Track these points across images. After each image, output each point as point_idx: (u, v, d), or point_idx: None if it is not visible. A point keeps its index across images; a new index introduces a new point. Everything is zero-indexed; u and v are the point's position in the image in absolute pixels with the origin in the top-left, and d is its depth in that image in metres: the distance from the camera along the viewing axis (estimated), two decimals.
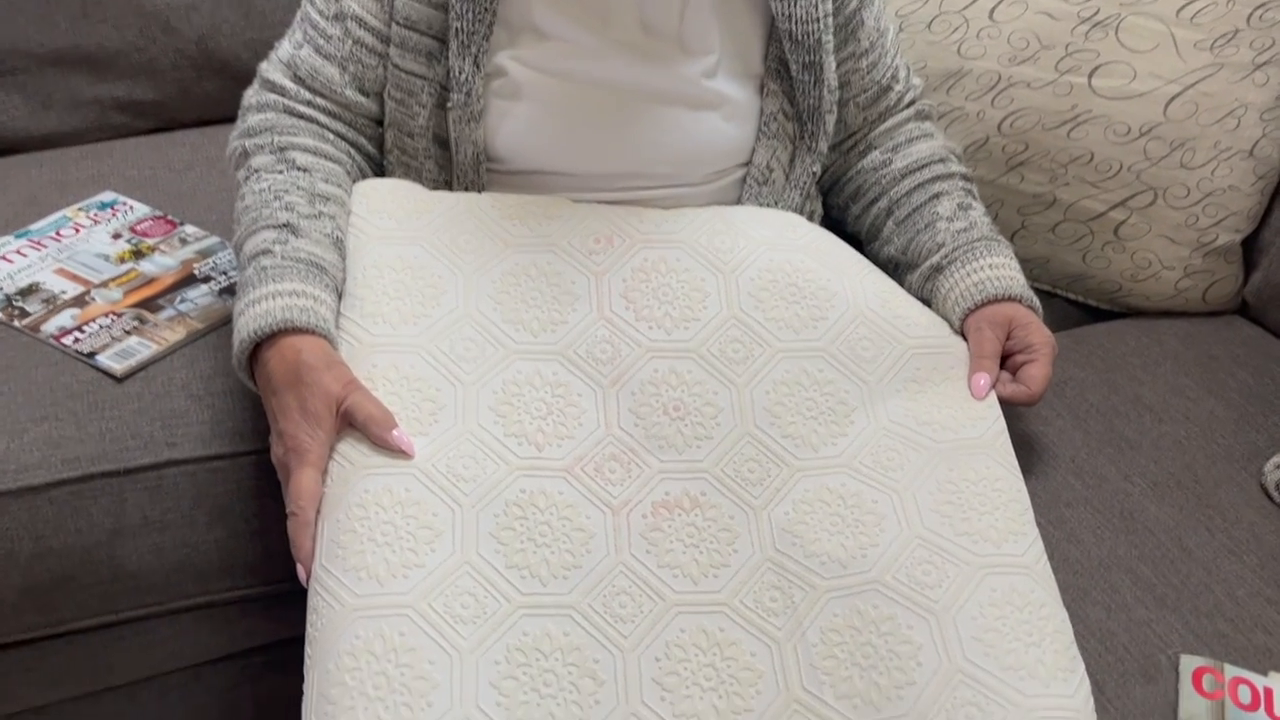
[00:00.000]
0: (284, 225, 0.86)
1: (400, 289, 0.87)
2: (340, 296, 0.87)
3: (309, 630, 0.74)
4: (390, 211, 0.91)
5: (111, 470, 0.93)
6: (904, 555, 0.78)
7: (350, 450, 0.80)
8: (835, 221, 1.07)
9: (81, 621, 0.96)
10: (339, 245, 0.88)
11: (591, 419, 0.84)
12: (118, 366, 0.97)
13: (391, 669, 0.71)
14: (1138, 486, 0.92)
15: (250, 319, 0.81)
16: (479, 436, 0.81)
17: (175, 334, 1.01)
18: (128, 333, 1.01)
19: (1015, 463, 0.84)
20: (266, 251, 0.85)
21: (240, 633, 1.05)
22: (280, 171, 0.89)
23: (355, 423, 0.79)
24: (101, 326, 1.01)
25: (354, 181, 0.94)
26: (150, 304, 1.05)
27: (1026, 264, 0.95)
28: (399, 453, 0.79)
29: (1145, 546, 0.87)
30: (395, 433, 0.79)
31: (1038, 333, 0.90)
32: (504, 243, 0.90)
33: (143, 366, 0.98)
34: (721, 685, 0.73)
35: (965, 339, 0.92)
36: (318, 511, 0.78)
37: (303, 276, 0.83)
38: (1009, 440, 0.85)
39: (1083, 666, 0.74)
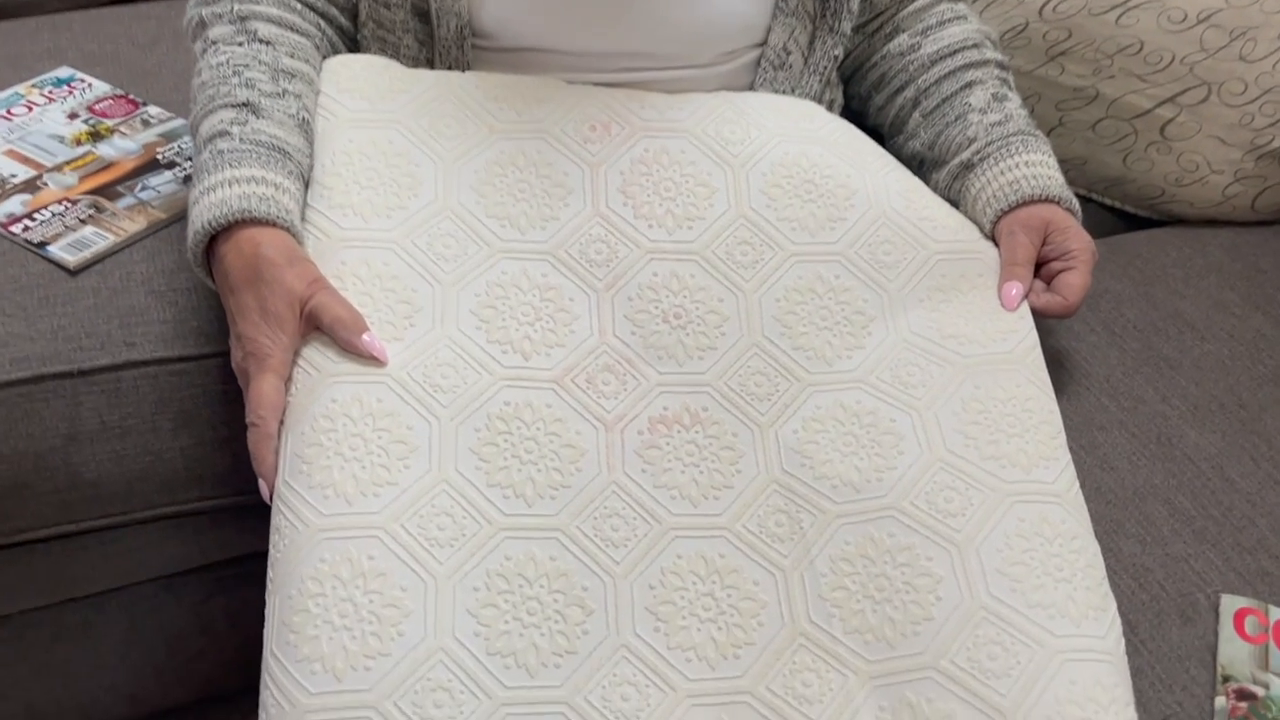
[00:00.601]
0: (243, 104, 0.77)
1: (373, 178, 0.79)
2: (306, 185, 0.79)
3: (271, 552, 0.68)
4: (363, 91, 0.82)
5: (64, 371, 0.85)
6: (924, 480, 0.72)
7: (316, 356, 0.72)
8: (856, 113, 0.98)
9: (38, 531, 0.90)
10: (305, 128, 0.79)
11: (584, 326, 0.77)
12: (71, 259, 0.89)
13: (359, 595, 0.65)
14: (1177, 409, 0.85)
15: (204, 209, 0.73)
16: (459, 343, 0.74)
17: (135, 224, 0.93)
18: (83, 221, 0.93)
19: (1048, 380, 0.77)
20: (223, 134, 0.76)
21: (211, 544, 0.99)
22: (240, 44, 0.80)
23: (321, 325, 0.72)
24: (54, 214, 0.93)
25: (323, 57, 0.85)
26: (108, 191, 0.96)
27: (1061, 165, 0.86)
28: (370, 359, 0.72)
29: (1184, 475, 0.80)
30: (366, 337, 0.71)
31: (1076, 238, 0.82)
32: (489, 128, 0.82)
33: (99, 259, 0.90)
34: (721, 616, 0.67)
35: (996, 244, 0.84)
36: (281, 423, 0.71)
37: (263, 162, 0.75)
38: (1041, 356, 0.78)
39: (1114, 605, 0.68)
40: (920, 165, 0.91)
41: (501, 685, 0.64)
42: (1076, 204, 0.84)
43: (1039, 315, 0.80)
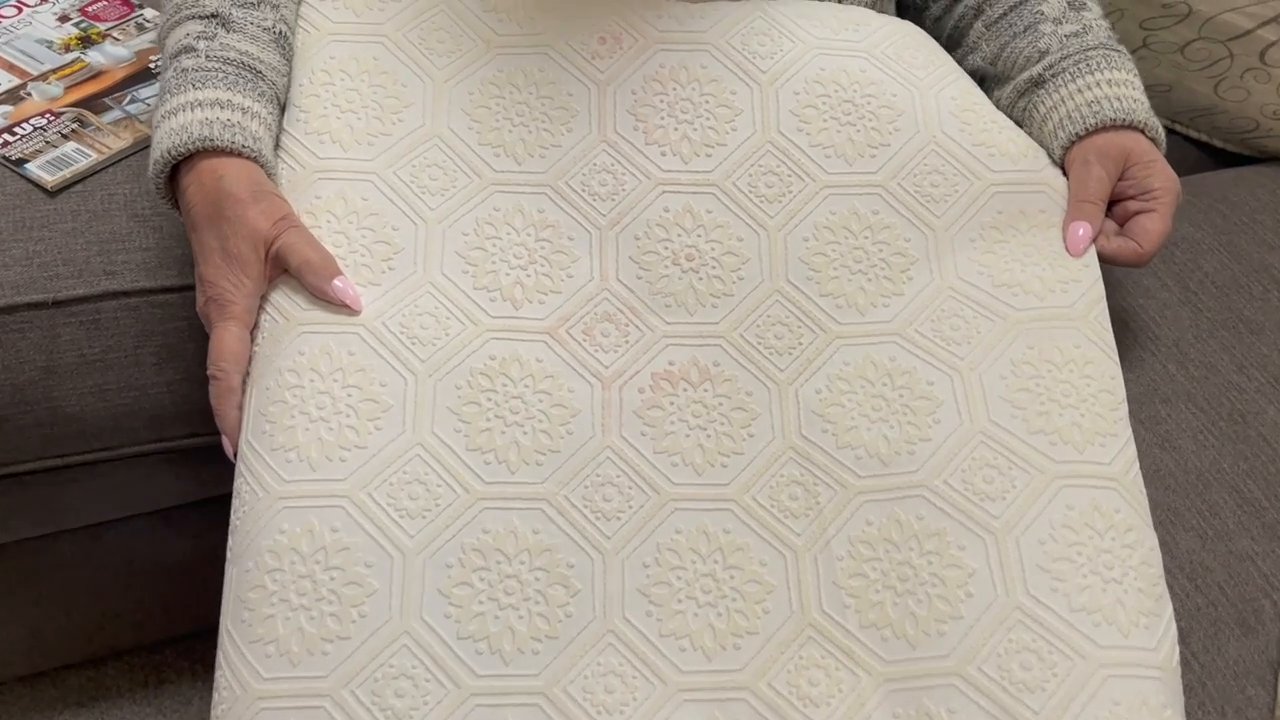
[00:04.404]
0: (212, 15, 0.69)
1: (354, 100, 0.70)
2: (283, 109, 0.71)
3: (232, 518, 0.62)
4: (348, 0, 0.74)
5: (39, 301, 0.80)
6: (962, 454, 0.63)
7: (285, 301, 0.65)
8: None
9: (22, 465, 0.86)
10: (282, 43, 0.71)
11: (583, 269, 0.68)
12: (49, 178, 0.83)
13: (319, 572, 0.59)
14: (1254, 382, 0.74)
15: (163, 135, 0.66)
16: (442, 289, 0.66)
17: (120, 141, 0.86)
18: (65, 137, 0.86)
19: (1112, 342, 0.67)
20: (188, 49, 0.68)
21: (209, 478, 0.94)
22: None
23: (289, 268, 0.65)
24: (35, 128, 0.87)
25: None
26: (94, 103, 0.89)
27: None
28: (342, 307, 0.64)
29: (1257, 459, 0.70)
30: (337, 282, 0.64)
31: (1161, 174, 0.71)
32: (486, 42, 0.73)
33: (79, 179, 0.84)
34: (722, 600, 0.60)
35: (1065, 174, 0.73)
36: (247, 375, 0.64)
37: (230, 82, 0.67)
38: (1106, 312, 0.68)
39: (1170, 610, 0.59)
40: (981, 84, 0.80)
41: (472, 673, 0.58)
42: (1163, 134, 0.73)
43: (1107, 263, 0.70)
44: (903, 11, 0.86)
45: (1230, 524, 0.68)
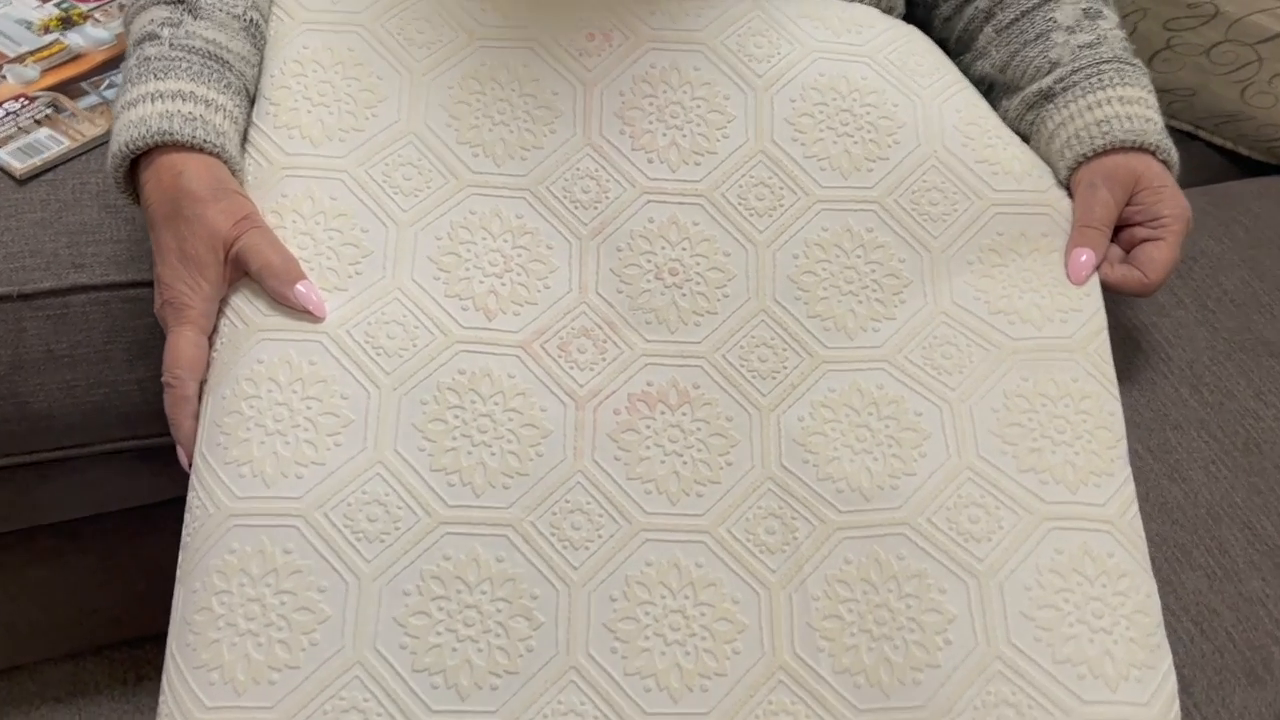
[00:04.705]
0: (179, 1, 0.66)
1: (326, 93, 0.67)
2: (253, 101, 0.68)
3: (183, 534, 0.60)
4: None
5: (4, 294, 0.77)
6: (947, 491, 0.60)
7: (245, 306, 0.62)
8: (919, 23, 0.83)
9: None
10: (254, 31, 0.68)
11: (561, 280, 0.65)
12: (18, 165, 0.81)
13: (269, 595, 0.56)
14: (1273, 409, 0.70)
15: (122, 128, 0.63)
16: (412, 296, 0.64)
17: (95, 128, 0.84)
18: (38, 123, 0.84)
19: (1113, 376, 0.63)
20: (152, 36, 0.65)
21: (186, 476, 0.92)
22: None
23: (250, 272, 0.62)
24: (8, 113, 0.84)
25: None
26: (70, 87, 0.86)
27: (1164, 95, 0.71)
28: (304, 313, 0.62)
29: (1272, 493, 0.66)
30: (299, 287, 0.61)
31: (1171, 201, 0.67)
32: (468, 34, 0.69)
33: (49, 167, 0.81)
34: (691, 639, 0.58)
35: (1071, 196, 0.69)
36: (204, 382, 0.62)
37: (194, 73, 0.64)
38: (1108, 343, 0.65)
39: (1168, 661, 0.56)
40: (989, 91, 0.76)
41: (426, 708, 0.55)
42: (1175, 157, 0.69)
43: (1111, 291, 0.67)
44: (913, 9, 0.83)
45: (1240, 563, 0.64)
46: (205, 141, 0.62)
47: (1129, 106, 0.69)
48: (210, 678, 0.55)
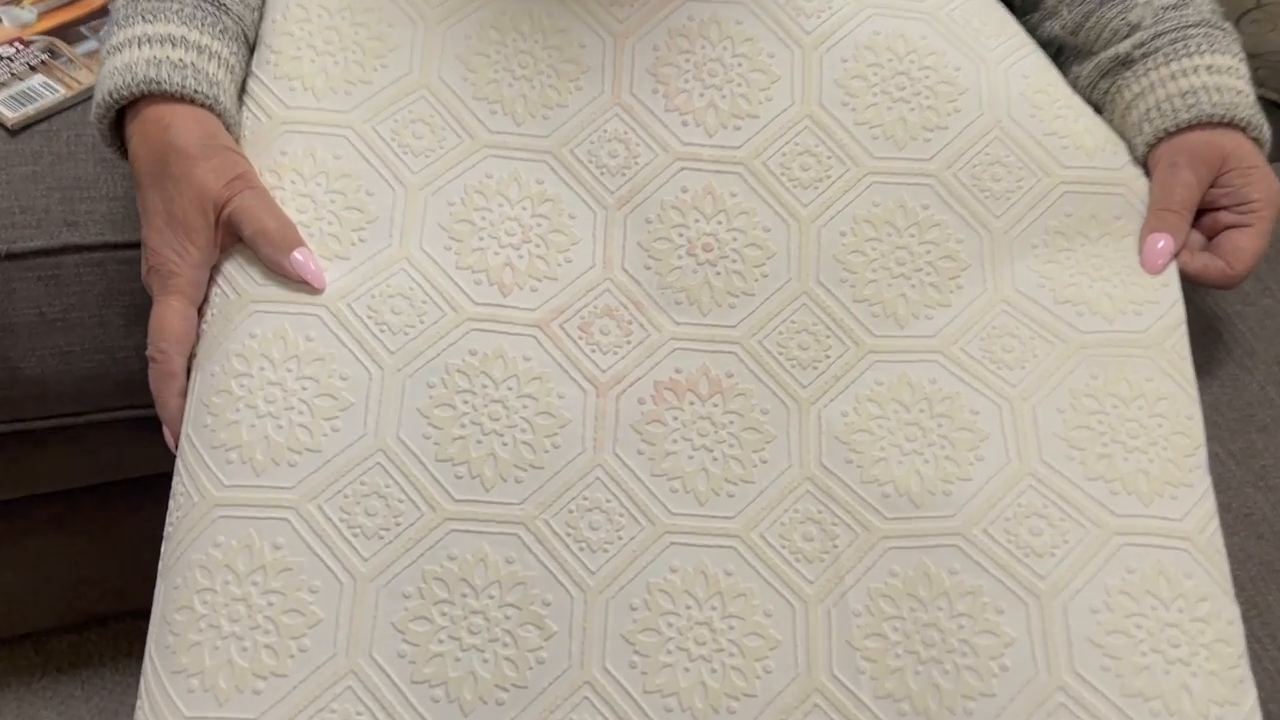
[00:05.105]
0: None
1: (332, 40, 0.62)
2: (253, 49, 0.62)
3: (167, 523, 0.55)
4: None
5: None
6: (1006, 500, 0.54)
7: (238, 274, 0.57)
8: None
9: None
10: None
11: (585, 253, 0.60)
12: (10, 115, 0.75)
13: (256, 595, 0.51)
14: None
15: (106, 75, 0.57)
16: (420, 266, 0.58)
17: (93, 75, 0.78)
18: (33, 69, 0.78)
19: (1191, 375, 0.57)
20: None
21: None
22: None
23: (243, 237, 0.56)
24: (1, 59, 0.79)
25: None
26: (68, 31, 0.81)
27: (1252, 61, 0.64)
28: (301, 283, 0.56)
29: None
30: (297, 254, 0.56)
31: (1262, 183, 0.60)
32: None
33: (43, 116, 0.76)
34: (718, 654, 0.52)
35: (1148, 175, 0.63)
36: (193, 357, 0.57)
37: (186, 15, 0.58)
38: (1187, 339, 0.58)
39: (1253, 697, 0.50)
40: (1058, 55, 0.69)
41: None
42: (1268, 134, 0.62)
43: (1190, 282, 0.60)
44: None
45: None
46: (196, 92, 0.57)
47: (1218, 77, 0.62)
48: (190, 684, 0.50)
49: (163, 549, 0.54)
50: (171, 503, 0.55)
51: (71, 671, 1.05)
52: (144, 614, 1.09)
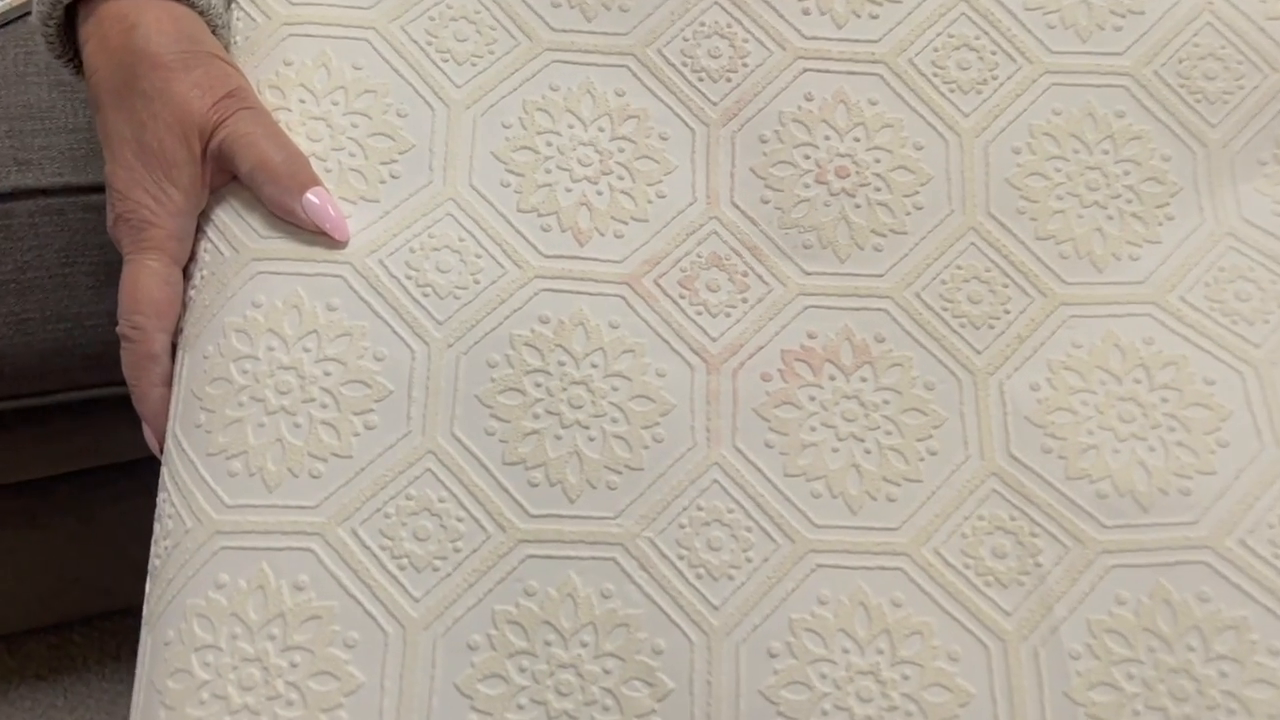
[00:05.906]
0: None
1: None
2: None
3: (151, 555, 0.42)
4: None
5: None
6: (1266, 499, 0.41)
7: (234, 224, 0.43)
8: None
9: None
10: None
11: (682, 185, 0.46)
12: None
13: (274, 654, 0.38)
14: None
15: None
16: (472, 211, 0.44)
17: None
18: None
19: None
20: None
21: None
22: None
23: (239, 174, 0.43)
24: None
25: None
26: None
27: None
28: (318, 233, 0.42)
29: None
30: (311, 196, 0.42)
31: None
32: None
33: None
34: (888, 713, 0.39)
35: None
36: (178, 334, 0.43)
37: None
38: None
39: None
40: None
41: None
42: None
43: None
44: None
45: None
46: None
47: None
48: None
49: (147, 590, 0.41)
50: (157, 527, 0.42)
51: (52, 678, 0.94)
52: (132, 612, 0.96)
